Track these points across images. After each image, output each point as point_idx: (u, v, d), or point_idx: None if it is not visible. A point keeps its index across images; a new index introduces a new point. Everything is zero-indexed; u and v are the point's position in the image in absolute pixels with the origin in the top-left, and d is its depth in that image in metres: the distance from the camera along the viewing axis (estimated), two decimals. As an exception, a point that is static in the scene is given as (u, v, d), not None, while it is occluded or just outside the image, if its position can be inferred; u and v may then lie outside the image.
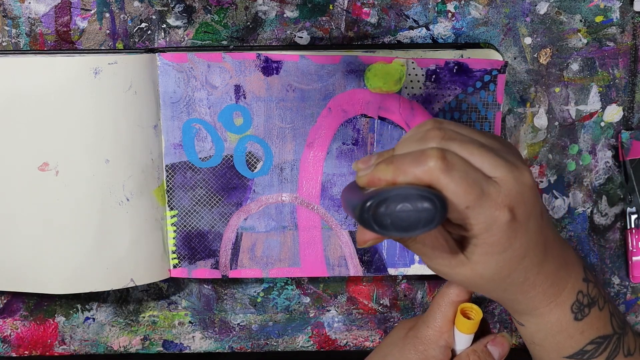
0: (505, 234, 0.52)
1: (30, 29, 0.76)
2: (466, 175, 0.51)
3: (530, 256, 0.54)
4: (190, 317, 0.83)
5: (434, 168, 0.50)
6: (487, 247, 0.53)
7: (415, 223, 0.49)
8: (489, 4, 0.76)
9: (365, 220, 0.50)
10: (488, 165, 0.52)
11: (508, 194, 0.52)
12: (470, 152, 0.52)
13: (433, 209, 0.49)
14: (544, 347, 0.61)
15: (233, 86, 0.76)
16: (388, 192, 0.49)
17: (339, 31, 0.77)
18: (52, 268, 0.76)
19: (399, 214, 0.49)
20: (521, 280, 0.55)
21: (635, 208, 0.80)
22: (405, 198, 0.49)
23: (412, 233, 0.49)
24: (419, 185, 0.50)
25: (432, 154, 0.50)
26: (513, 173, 0.52)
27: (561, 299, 0.58)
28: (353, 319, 0.83)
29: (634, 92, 0.79)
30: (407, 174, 0.51)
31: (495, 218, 0.51)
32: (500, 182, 0.52)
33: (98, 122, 0.74)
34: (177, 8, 0.76)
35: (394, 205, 0.49)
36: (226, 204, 0.78)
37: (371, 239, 0.54)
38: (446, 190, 0.50)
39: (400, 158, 0.51)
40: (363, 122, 0.77)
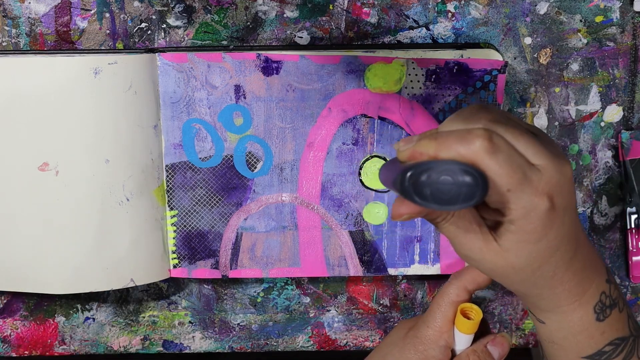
0: (542, 222, 0.52)
1: (30, 29, 0.76)
2: (510, 158, 0.50)
3: (562, 250, 0.54)
4: (190, 317, 0.83)
5: (479, 148, 0.50)
6: (523, 235, 0.52)
7: (455, 197, 0.49)
8: (489, 4, 0.76)
9: (405, 189, 0.49)
10: (532, 152, 0.52)
11: (549, 182, 0.51)
12: (516, 137, 0.52)
13: (475, 184, 0.49)
14: (562, 347, 0.60)
15: (233, 86, 0.76)
16: (430, 162, 0.49)
17: (339, 31, 0.77)
18: (52, 268, 0.76)
19: (440, 185, 0.49)
20: (550, 274, 0.55)
21: (635, 208, 0.79)
22: (448, 170, 0.49)
23: (451, 207, 0.49)
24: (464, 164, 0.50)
25: (479, 133, 0.50)
26: (555, 163, 0.52)
27: (585, 298, 0.58)
28: (353, 319, 0.83)
29: (634, 92, 0.79)
30: (451, 150, 0.50)
31: (535, 205, 0.51)
32: (542, 169, 0.52)
33: (98, 122, 0.74)
34: (177, 8, 0.76)
35: (435, 175, 0.49)
36: (226, 204, 0.78)
37: (407, 212, 0.53)
38: (489, 171, 0.50)
39: (445, 135, 0.51)
40: (363, 122, 0.77)
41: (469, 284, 0.69)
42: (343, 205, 0.79)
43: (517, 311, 0.83)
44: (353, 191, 0.78)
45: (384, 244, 0.79)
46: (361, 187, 0.78)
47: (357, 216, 0.79)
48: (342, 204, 0.79)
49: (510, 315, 0.83)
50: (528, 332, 0.84)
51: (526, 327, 0.84)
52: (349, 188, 0.78)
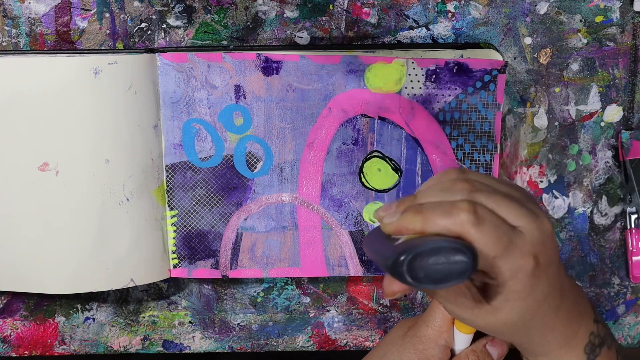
0: (529, 280, 0.53)
1: (30, 29, 0.76)
2: (495, 227, 0.52)
3: (549, 300, 0.56)
4: (190, 317, 0.83)
5: (465, 221, 0.51)
6: (512, 294, 0.54)
7: (448, 275, 0.50)
8: (489, 4, 0.76)
9: (399, 274, 0.50)
10: (513, 215, 0.53)
11: (532, 242, 0.53)
12: (497, 203, 0.53)
13: (467, 261, 0.50)
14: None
15: (233, 86, 0.76)
16: (421, 245, 0.50)
17: (339, 31, 0.77)
18: (52, 268, 0.76)
19: (432, 267, 0.50)
20: (540, 324, 0.57)
21: (635, 208, 0.79)
22: (439, 251, 0.50)
23: (445, 285, 0.50)
24: (449, 237, 0.51)
25: (463, 207, 0.51)
26: (536, 222, 0.53)
27: (575, 341, 0.59)
28: (353, 319, 0.83)
29: (634, 92, 0.78)
30: (437, 225, 0.51)
31: (521, 266, 0.53)
32: (524, 231, 0.53)
33: (98, 122, 0.74)
34: (177, 8, 0.76)
35: (427, 258, 0.50)
36: (226, 204, 0.78)
37: (400, 290, 0.54)
38: (476, 242, 0.51)
39: (430, 209, 0.52)
40: (363, 122, 0.77)
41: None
42: (343, 205, 0.79)
43: (517, 311, 0.83)
44: (353, 191, 0.78)
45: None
46: (361, 187, 0.78)
47: (357, 216, 0.79)
48: (342, 204, 0.79)
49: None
50: (528, 332, 0.84)
51: (526, 327, 0.84)
52: (349, 188, 0.78)
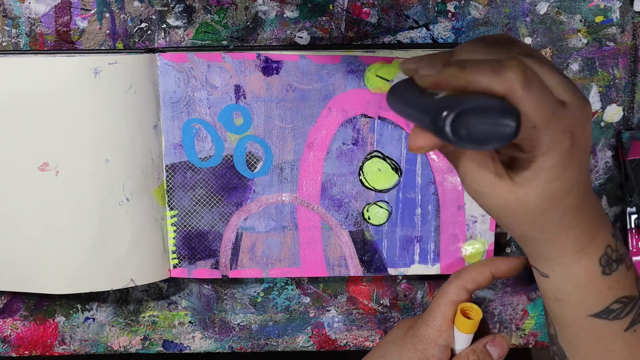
0: (562, 160, 0.50)
1: (30, 29, 0.76)
2: (542, 93, 0.49)
3: (574, 194, 0.52)
4: (190, 317, 0.83)
5: (513, 80, 0.47)
6: (539, 172, 0.51)
7: (491, 137, 0.46)
8: (489, 4, 0.76)
9: (440, 129, 0.46)
10: (560, 88, 0.50)
11: (574, 120, 0.50)
12: (546, 71, 0.50)
13: (513, 125, 0.46)
14: (568, 304, 0.58)
15: (233, 86, 0.76)
16: (467, 102, 0.46)
17: (339, 31, 0.77)
18: (52, 268, 0.76)
19: (476, 126, 0.46)
20: (558, 218, 0.53)
21: (635, 208, 0.79)
22: (487, 111, 0.46)
23: (486, 146, 0.47)
24: (495, 97, 0.48)
25: (513, 65, 0.48)
26: (581, 102, 0.51)
27: (590, 249, 0.56)
28: (353, 319, 0.83)
29: (634, 92, 0.79)
30: (482, 82, 0.48)
31: (558, 142, 0.50)
32: (568, 107, 0.50)
33: (98, 122, 0.74)
34: (177, 8, 0.76)
35: (473, 117, 0.46)
36: (226, 204, 0.78)
37: (427, 145, 0.50)
38: (521, 106, 0.48)
39: (476, 65, 0.48)
40: (363, 122, 0.77)
41: (468, 284, 0.68)
42: (343, 205, 0.79)
43: (517, 311, 0.83)
44: (353, 191, 0.78)
45: (384, 244, 0.79)
46: (361, 187, 0.78)
47: (357, 216, 0.79)
48: (342, 204, 0.79)
49: (510, 315, 0.83)
50: (528, 332, 0.84)
51: (526, 327, 0.84)
52: (349, 188, 0.78)
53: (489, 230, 0.79)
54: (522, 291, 0.83)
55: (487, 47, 0.51)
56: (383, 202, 0.79)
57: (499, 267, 0.69)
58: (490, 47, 0.51)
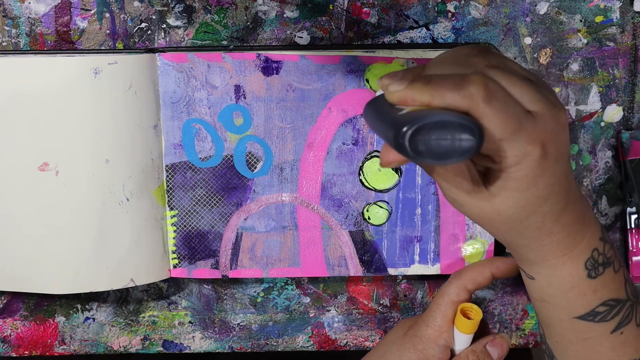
0: (533, 170, 0.50)
1: (30, 29, 0.76)
2: (506, 106, 0.49)
3: (552, 201, 0.52)
4: (190, 317, 0.83)
5: (475, 95, 0.48)
6: (513, 182, 0.51)
7: (451, 152, 0.47)
8: (489, 4, 0.76)
9: (400, 145, 0.47)
10: (528, 98, 0.50)
11: (544, 130, 0.50)
12: (512, 82, 0.50)
13: (473, 139, 0.47)
14: (554, 305, 0.58)
15: (233, 86, 0.76)
16: (426, 118, 0.47)
17: (339, 31, 0.77)
18: (52, 268, 0.76)
19: (436, 141, 0.47)
20: (538, 225, 0.53)
21: (635, 208, 0.79)
22: (445, 126, 0.47)
23: (445, 162, 0.47)
24: (457, 112, 0.48)
25: (475, 80, 0.48)
26: (551, 110, 0.51)
27: (575, 252, 0.56)
28: (353, 319, 0.83)
29: (634, 92, 0.78)
30: (445, 97, 0.48)
31: (528, 153, 0.50)
32: (537, 117, 0.50)
33: (98, 122, 0.74)
34: (177, 8, 0.76)
35: (432, 132, 0.47)
36: (226, 204, 0.78)
37: (396, 160, 0.51)
38: (484, 120, 0.48)
39: (440, 80, 0.49)
40: (363, 122, 0.77)
41: (468, 284, 0.69)
42: (343, 205, 0.79)
43: (517, 311, 0.83)
44: (353, 191, 0.78)
45: (384, 244, 0.79)
46: (361, 187, 0.78)
47: (357, 216, 0.79)
48: (342, 204, 0.79)
49: (510, 315, 0.83)
50: (528, 332, 0.84)
51: (526, 327, 0.84)
52: (349, 188, 0.78)
53: (489, 230, 0.79)
54: (522, 291, 0.83)
55: (454, 61, 0.52)
56: (383, 202, 0.79)
57: (498, 267, 0.69)
58: (458, 61, 0.52)
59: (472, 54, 0.52)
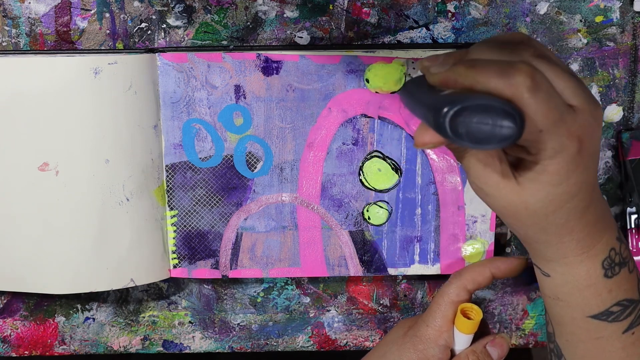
0: (567, 165, 0.50)
1: (30, 29, 0.76)
2: (550, 98, 0.49)
3: (579, 198, 0.52)
4: (190, 317, 0.83)
5: (521, 84, 0.48)
6: (545, 175, 0.51)
7: (490, 137, 0.47)
8: (489, 4, 0.76)
9: (440, 125, 0.47)
10: (570, 92, 0.50)
11: (582, 125, 0.50)
12: (557, 74, 0.50)
13: (514, 127, 0.46)
14: (568, 304, 0.58)
15: (233, 86, 0.76)
16: (469, 100, 0.47)
17: (339, 31, 0.77)
18: (52, 268, 0.76)
19: (476, 125, 0.46)
20: (562, 221, 0.53)
21: (635, 208, 0.79)
22: (488, 110, 0.46)
23: (484, 146, 0.47)
24: (500, 98, 0.48)
25: (522, 69, 0.48)
26: (590, 106, 0.51)
27: (593, 251, 0.56)
28: (353, 319, 0.83)
29: (634, 92, 0.78)
30: (490, 83, 0.48)
31: (565, 146, 0.50)
32: (577, 111, 0.50)
33: (98, 122, 0.74)
34: (177, 8, 0.76)
35: (474, 115, 0.46)
36: (226, 204, 0.78)
37: (431, 141, 0.50)
38: (527, 109, 0.48)
39: (485, 65, 0.49)
40: (363, 122, 0.77)
41: (469, 284, 0.69)
42: (343, 205, 0.79)
43: (517, 311, 0.83)
44: (353, 191, 0.78)
45: (384, 244, 0.79)
46: (361, 187, 0.78)
47: (357, 216, 0.79)
48: (342, 204, 0.79)
49: (510, 315, 0.83)
50: (528, 332, 0.84)
51: (526, 327, 0.84)
52: (349, 188, 0.78)
53: (489, 230, 0.79)
54: (522, 291, 0.83)
55: (500, 47, 0.51)
56: (383, 202, 0.79)
57: (499, 267, 0.69)
58: (503, 48, 0.51)
59: (516, 41, 0.52)
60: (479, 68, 0.48)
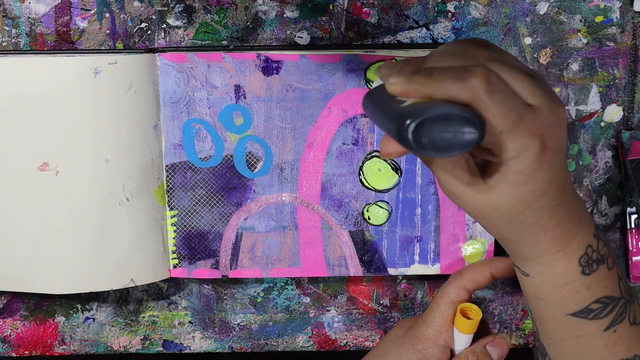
0: (531, 164, 0.51)
1: (30, 29, 0.76)
2: (507, 98, 0.49)
3: (548, 196, 0.53)
4: (190, 317, 0.83)
5: (477, 87, 0.48)
6: (511, 175, 0.51)
7: (454, 144, 0.47)
8: (489, 4, 0.76)
9: (403, 138, 0.47)
10: (528, 92, 0.50)
11: (543, 123, 0.50)
12: (513, 76, 0.50)
13: (475, 132, 0.47)
14: (548, 302, 0.59)
15: (233, 86, 0.76)
16: (430, 110, 0.47)
17: (339, 31, 0.77)
18: (52, 268, 0.76)
19: (438, 134, 0.47)
20: (533, 220, 0.54)
21: (635, 208, 0.79)
22: (448, 119, 0.47)
23: (447, 154, 0.48)
24: (458, 104, 0.48)
25: (477, 72, 0.48)
26: (550, 104, 0.51)
27: (569, 249, 0.56)
28: (353, 319, 0.83)
29: (634, 92, 0.78)
30: (447, 89, 0.48)
31: (527, 146, 0.50)
32: (537, 111, 0.50)
33: (98, 122, 0.74)
34: (177, 8, 0.76)
35: (435, 125, 0.47)
36: (226, 204, 0.78)
37: (396, 152, 0.51)
38: (486, 112, 0.48)
39: (441, 72, 0.49)
40: (363, 122, 0.77)
41: (468, 284, 0.69)
42: (343, 205, 0.79)
43: (517, 311, 0.83)
44: (353, 191, 0.78)
45: (384, 244, 0.79)
46: (361, 187, 0.78)
47: (357, 216, 0.79)
48: (342, 204, 0.79)
49: (510, 315, 0.83)
50: (528, 332, 0.84)
51: (526, 327, 0.84)
52: (349, 188, 0.78)
53: (489, 230, 0.79)
54: (522, 291, 0.83)
55: (455, 53, 0.52)
56: (383, 202, 0.79)
57: (498, 267, 0.69)
58: (459, 54, 0.52)
59: (472, 46, 0.52)
60: (436, 75, 0.49)
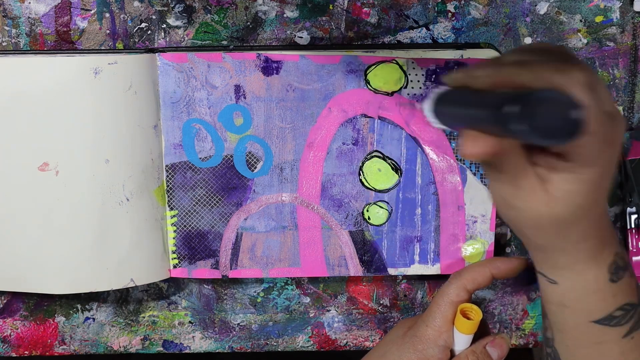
0: (604, 171, 0.49)
1: (30, 29, 0.76)
2: (602, 98, 0.48)
3: (601, 204, 0.52)
4: (190, 317, 0.83)
5: (579, 80, 0.46)
6: (582, 184, 0.49)
7: (556, 131, 0.44)
8: (489, 4, 0.76)
9: (504, 122, 0.44)
10: (609, 99, 0.49)
11: (620, 132, 0.50)
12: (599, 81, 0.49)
13: (582, 119, 0.44)
14: (574, 310, 0.58)
15: (233, 86, 0.76)
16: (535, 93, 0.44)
17: (339, 31, 0.77)
18: (52, 268, 0.76)
19: (544, 117, 0.43)
20: (584, 228, 0.53)
21: (635, 208, 0.79)
22: (555, 102, 0.44)
23: (550, 141, 0.44)
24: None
25: (582, 66, 0.47)
26: (620, 115, 0.51)
27: (602, 256, 0.56)
28: (353, 319, 0.83)
29: (634, 92, 0.78)
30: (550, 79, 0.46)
31: (603, 152, 0.49)
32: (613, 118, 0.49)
33: (98, 122, 0.74)
34: (177, 8, 0.76)
35: (541, 107, 0.43)
36: (226, 204, 0.78)
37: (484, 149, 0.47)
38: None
39: (540, 63, 0.47)
40: (363, 122, 0.77)
41: (468, 284, 0.69)
42: (343, 205, 0.79)
43: (517, 311, 0.83)
44: (353, 191, 0.78)
45: (384, 244, 0.79)
46: (361, 187, 0.78)
47: (357, 216, 0.79)
48: (342, 204, 0.79)
49: (510, 315, 0.83)
50: (528, 332, 0.84)
51: (526, 327, 0.84)
52: (349, 188, 0.78)
53: (489, 230, 0.79)
54: (522, 291, 0.83)
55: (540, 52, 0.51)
56: (383, 202, 0.79)
57: (498, 267, 0.69)
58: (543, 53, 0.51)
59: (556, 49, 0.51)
60: (537, 66, 0.47)
